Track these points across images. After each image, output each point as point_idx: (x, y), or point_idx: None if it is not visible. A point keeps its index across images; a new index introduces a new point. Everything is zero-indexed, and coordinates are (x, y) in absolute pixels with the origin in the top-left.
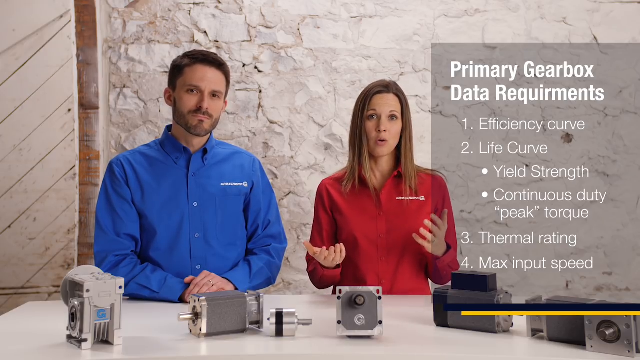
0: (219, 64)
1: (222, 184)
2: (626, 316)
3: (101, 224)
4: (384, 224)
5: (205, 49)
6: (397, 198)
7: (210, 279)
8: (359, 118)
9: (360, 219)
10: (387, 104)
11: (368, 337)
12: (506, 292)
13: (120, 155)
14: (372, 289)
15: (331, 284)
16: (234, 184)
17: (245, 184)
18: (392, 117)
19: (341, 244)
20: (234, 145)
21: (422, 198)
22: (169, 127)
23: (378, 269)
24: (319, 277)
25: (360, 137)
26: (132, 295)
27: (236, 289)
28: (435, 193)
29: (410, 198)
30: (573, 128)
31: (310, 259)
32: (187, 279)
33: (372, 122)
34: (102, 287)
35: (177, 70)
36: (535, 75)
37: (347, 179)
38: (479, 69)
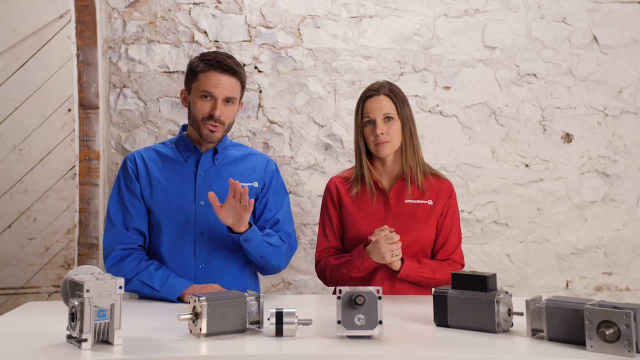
0: (233, 71)
1: None
2: (626, 316)
3: (112, 218)
4: (391, 226)
5: (221, 51)
6: (406, 201)
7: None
8: (358, 125)
9: (368, 220)
10: (379, 107)
11: (368, 337)
12: (506, 292)
13: (135, 151)
14: (372, 289)
15: (352, 278)
16: (243, 184)
17: (255, 184)
18: (387, 118)
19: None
20: (249, 147)
21: (430, 202)
22: (184, 127)
23: (382, 270)
24: (354, 267)
25: (361, 143)
26: (134, 292)
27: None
28: (442, 199)
29: (419, 201)
30: (573, 128)
31: (326, 256)
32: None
33: (369, 128)
34: (102, 287)
35: (192, 74)
36: (535, 75)
37: (352, 183)
38: (479, 69)
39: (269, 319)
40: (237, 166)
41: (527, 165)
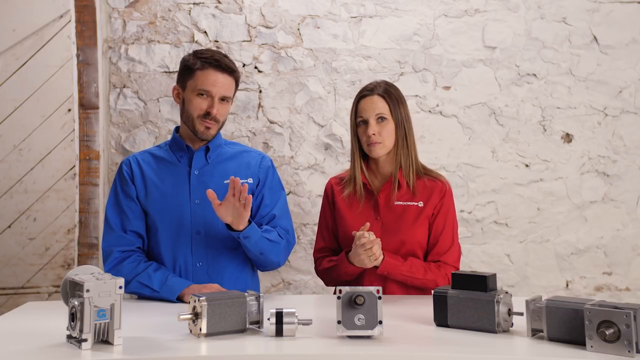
0: (231, 71)
1: (225, 182)
2: (626, 316)
3: (109, 221)
4: (379, 227)
5: (216, 50)
6: (395, 202)
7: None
8: (352, 124)
9: (358, 221)
10: (372, 107)
11: (368, 337)
12: (506, 292)
13: (131, 155)
14: (372, 289)
15: (348, 280)
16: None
17: (250, 180)
18: (380, 118)
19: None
20: (244, 145)
21: (421, 204)
22: (177, 128)
23: (370, 271)
24: (342, 272)
25: (354, 143)
26: (134, 293)
27: (248, 224)
28: (433, 199)
29: (408, 203)
30: (573, 128)
31: (322, 257)
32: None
33: (362, 128)
34: (102, 287)
35: (188, 72)
36: (535, 75)
37: (346, 183)
38: (479, 69)
39: (269, 319)
40: (231, 163)
41: (527, 165)
